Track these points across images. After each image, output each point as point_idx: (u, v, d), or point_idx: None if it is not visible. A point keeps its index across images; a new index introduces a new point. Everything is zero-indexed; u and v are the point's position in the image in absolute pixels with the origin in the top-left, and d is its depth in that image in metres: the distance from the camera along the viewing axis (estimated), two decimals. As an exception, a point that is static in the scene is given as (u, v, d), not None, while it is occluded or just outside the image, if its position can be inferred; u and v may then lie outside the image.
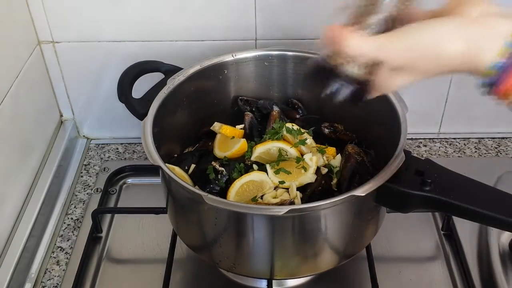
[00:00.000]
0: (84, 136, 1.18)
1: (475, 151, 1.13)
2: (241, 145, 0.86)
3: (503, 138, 1.15)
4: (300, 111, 0.96)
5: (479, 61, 0.52)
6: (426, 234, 0.95)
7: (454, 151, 1.13)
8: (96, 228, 0.95)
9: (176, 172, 0.80)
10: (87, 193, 1.05)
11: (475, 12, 0.53)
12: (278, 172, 0.81)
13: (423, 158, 0.74)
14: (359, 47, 0.54)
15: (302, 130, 0.89)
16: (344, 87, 0.59)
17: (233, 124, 0.93)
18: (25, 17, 1.00)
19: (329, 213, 0.71)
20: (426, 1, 0.58)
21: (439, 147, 1.14)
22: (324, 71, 0.59)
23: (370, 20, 0.56)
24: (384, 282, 0.83)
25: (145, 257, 0.93)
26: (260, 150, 0.85)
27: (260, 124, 0.94)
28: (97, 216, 0.95)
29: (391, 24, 0.56)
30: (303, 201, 0.79)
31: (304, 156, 0.83)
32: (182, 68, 0.89)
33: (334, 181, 0.83)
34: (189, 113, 0.91)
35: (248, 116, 0.93)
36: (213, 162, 0.83)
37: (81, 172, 1.09)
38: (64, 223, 0.99)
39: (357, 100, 0.61)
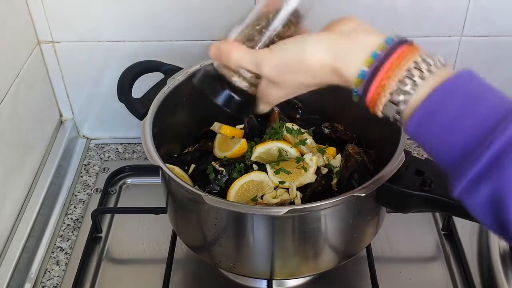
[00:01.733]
0: (84, 136, 1.18)
1: (475, 151, 1.12)
2: (241, 145, 0.86)
3: (503, 138, 1.15)
4: (300, 111, 0.96)
5: (347, 72, 0.54)
6: (426, 234, 0.95)
7: (454, 151, 1.13)
8: (96, 228, 0.95)
9: (176, 172, 0.80)
10: (87, 193, 1.05)
11: (347, 28, 0.56)
12: (278, 172, 0.81)
13: (423, 158, 0.74)
14: (240, 59, 0.59)
15: (302, 130, 0.89)
16: (233, 97, 0.63)
17: (233, 124, 0.93)
18: (25, 17, 1.00)
19: (329, 213, 0.71)
20: (315, 24, 0.61)
21: (439, 147, 1.14)
22: (214, 80, 0.63)
23: (260, 37, 0.60)
24: (384, 282, 0.83)
25: (145, 257, 0.93)
26: (260, 150, 0.85)
27: (260, 124, 0.93)
28: (97, 216, 0.95)
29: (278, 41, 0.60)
30: (303, 201, 0.78)
31: (304, 156, 0.83)
32: (182, 68, 0.89)
33: (334, 181, 0.83)
34: (189, 113, 0.91)
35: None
36: (213, 162, 0.83)
37: (81, 172, 1.09)
38: (64, 223, 0.99)
39: (244, 112, 0.65)
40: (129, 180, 1.07)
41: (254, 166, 0.84)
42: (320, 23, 0.60)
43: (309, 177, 0.81)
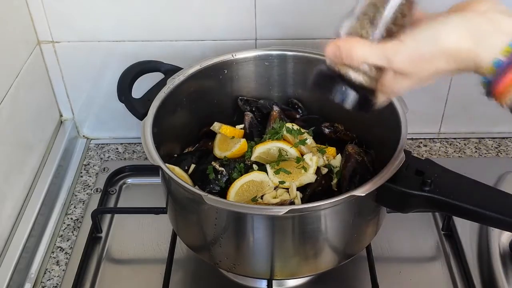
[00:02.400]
0: (84, 136, 1.18)
1: (475, 151, 1.13)
2: (241, 145, 0.86)
3: (503, 138, 1.15)
4: (300, 111, 0.96)
5: (481, 56, 0.51)
6: (426, 234, 0.95)
7: (454, 151, 1.13)
8: (96, 228, 0.95)
9: (176, 172, 0.80)
10: (87, 193, 1.05)
11: (483, 7, 0.53)
12: (278, 172, 0.81)
13: (423, 158, 0.74)
14: (366, 55, 0.55)
15: (302, 130, 0.89)
16: (350, 94, 0.59)
17: (233, 124, 0.93)
18: (25, 17, 1.00)
19: (329, 213, 0.71)
20: (430, 5, 0.58)
21: (439, 147, 1.14)
22: (329, 79, 0.60)
23: (374, 29, 0.56)
24: (384, 282, 0.83)
25: (145, 257, 0.93)
26: (260, 150, 0.85)
27: (260, 124, 0.94)
28: (97, 216, 0.95)
29: (395, 29, 0.56)
30: (303, 201, 0.78)
31: (304, 156, 0.83)
32: (182, 68, 0.89)
33: (334, 181, 0.83)
34: (189, 113, 0.91)
35: (248, 116, 0.93)
36: (213, 162, 0.83)
37: (81, 172, 1.09)
38: (64, 223, 0.99)
39: (364, 107, 0.61)
40: (129, 180, 1.07)
41: (254, 166, 0.84)
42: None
43: (309, 177, 0.81)
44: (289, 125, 0.89)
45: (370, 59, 0.55)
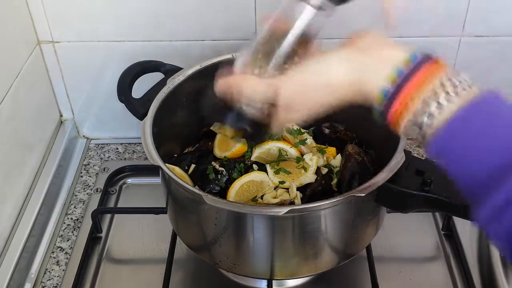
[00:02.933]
0: (84, 136, 1.18)
1: (475, 151, 1.12)
2: (241, 145, 0.86)
3: (503, 138, 1.15)
4: (300, 111, 0.95)
5: (370, 89, 0.52)
6: (426, 234, 0.95)
7: (454, 151, 1.13)
8: (96, 228, 0.95)
9: (176, 172, 0.80)
10: (87, 193, 1.05)
11: (364, 43, 0.54)
12: (278, 172, 0.81)
13: (423, 158, 0.74)
14: (255, 92, 0.57)
15: (302, 130, 0.89)
16: (245, 124, 0.61)
17: (233, 124, 0.93)
18: (25, 17, 0.99)
19: (329, 213, 0.71)
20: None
21: (439, 147, 1.14)
22: (222, 109, 0.61)
23: (268, 64, 0.58)
24: (384, 282, 0.83)
25: (145, 257, 0.93)
26: (260, 150, 0.85)
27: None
28: (97, 216, 0.95)
29: (288, 67, 0.58)
30: (303, 201, 0.78)
31: (304, 156, 0.83)
32: (182, 68, 0.89)
33: (334, 181, 0.83)
34: (189, 113, 0.91)
35: (248, 116, 0.93)
36: (213, 162, 0.83)
37: (81, 172, 1.09)
38: (64, 223, 0.99)
39: (256, 136, 0.64)
40: (129, 180, 1.07)
41: (254, 166, 0.84)
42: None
43: (309, 177, 0.81)
44: (289, 125, 0.89)
45: (258, 95, 0.57)
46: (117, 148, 1.15)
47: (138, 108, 0.82)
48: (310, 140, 0.88)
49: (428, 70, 0.49)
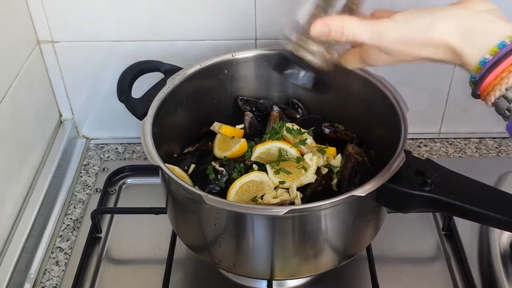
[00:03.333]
0: (83, 136, 1.18)
1: (476, 151, 1.13)
2: (241, 145, 0.86)
3: (504, 138, 1.15)
4: (300, 111, 0.96)
5: (470, 56, 0.52)
6: (427, 234, 0.95)
7: (454, 151, 1.13)
8: (95, 228, 0.95)
9: (176, 172, 0.80)
10: (86, 193, 1.05)
11: (481, 7, 0.54)
12: (278, 172, 0.81)
13: (423, 158, 0.74)
14: (357, 32, 0.56)
15: (302, 130, 0.89)
16: (309, 76, 0.63)
17: (233, 124, 0.93)
18: (25, 17, 0.99)
19: (329, 213, 0.71)
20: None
21: (440, 147, 1.14)
22: (289, 63, 0.63)
23: (333, 7, 0.59)
24: (384, 282, 0.83)
25: (145, 257, 0.92)
26: (260, 150, 0.85)
27: (260, 124, 0.93)
28: (96, 216, 0.95)
29: (355, 7, 0.59)
30: (303, 201, 0.78)
31: (304, 156, 0.83)
32: (182, 68, 0.89)
33: (334, 181, 0.83)
34: (189, 113, 0.91)
35: (248, 116, 0.93)
36: (213, 162, 0.83)
37: (81, 172, 1.09)
38: (64, 223, 0.99)
39: (322, 88, 0.65)
40: (129, 180, 1.07)
41: (254, 166, 0.83)
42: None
43: (309, 177, 0.81)
44: (289, 125, 0.89)
45: (361, 37, 0.56)
46: (116, 148, 1.15)
47: (138, 108, 0.82)
48: (310, 140, 0.88)
49: None
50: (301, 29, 0.62)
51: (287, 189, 0.80)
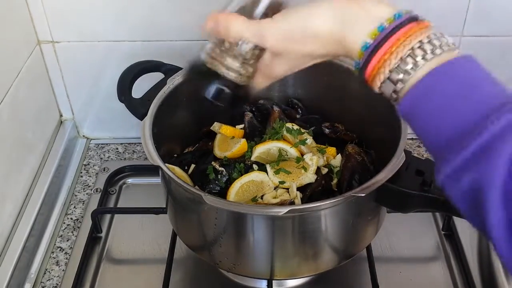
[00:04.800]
0: (83, 136, 1.18)
1: (475, 151, 1.12)
2: (241, 145, 0.86)
3: (503, 138, 1.15)
4: (300, 111, 0.96)
5: (351, 42, 0.52)
6: (427, 234, 0.95)
7: (454, 151, 1.13)
8: (95, 228, 0.95)
9: (176, 172, 0.80)
10: (86, 193, 1.05)
11: None
12: (278, 172, 0.81)
13: (423, 158, 0.74)
14: (242, 30, 0.56)
15: (302, 130, 0.89)
16: (222, 90, 0.60)
17: (233, 124, 0.93)
18: (25, 17, 0.99)
19: (329, 213, 0.71)
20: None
21: (439, 147, 1.14)
22: (201, 74, 0.61)
23: (254, 10, 0.58)
24: (384, 282, 0.83)
25: (145, 257, 0.93)
26: (260, 150, 0.85)
27: (260, 124, 0.93)
28: (96, 216, 0.95)
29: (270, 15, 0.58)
30: (303, 201, 0.78)
31: (304, 156, 0.83)
32: (182, 68, 0.89)
33: (334, 181, 0.83)
34: (189, 113, 0.91)
35: (248, 116, 0.93)
36: (213, 162, 0.83)
37: (81, 172, 1.09)
38: (64, 223, 0.99)
39: (235, 103, 0.62)
40: (129, 180, 1.07)
41: (254, 166, 0.83)
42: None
43: (309, 177, 0.81)
44: (289, 125, 0.89)
45: (245, 34, 0.57)
46: (117, 148, 1.15)
47: (138, 108, 0.82)
48: (310, 140, 0.88)
49: (411, 29, 0.50)
50: (217, 40, 0.60)
51: (287, 189, 0.80)
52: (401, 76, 0.49)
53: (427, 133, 0.49)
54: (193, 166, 0.85)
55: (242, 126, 0.93)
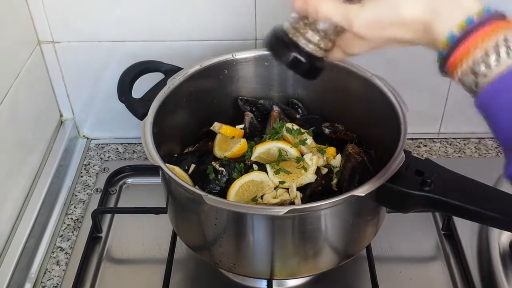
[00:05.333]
0: (84, 136, 1.18)
1: (475, 151, 1.13)
2: (241, 145, 0.86)
3: (503, 138, 1.15)
4: (300, 111, 0.96)
5: (438, 30, 0.53)
6: (426, 234, 0.95)
7: (454, 151, 1.13)
8: (96, 228, 0.95)
9: (176, 172, 0.80)
10: (87, 193, 1.05)
11: None
12: (278, 172, 0.81)
13: (423, 158, 0.74)
14: (330, 13, 0.57)
15: (302, 130, 0.89)
16: (299, 60, 0.62)
17: (233, 124, 0.93)
18: (25, 17, 1.00)
19: (329, 213, 0.71)
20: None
21: (439, 147, 1.14)
22: (282, 43, 0.62)
23: None
24: (384, 282, 0.83)
25: (145, 257, 0.93)
26: (260, 150, 0.85)
27: (260, 124, 0.94)
28: (97, 216, 0.95)
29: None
30: (303, 201, 0.78)
31: (304, 156, 0.83)
32: (182, 68, 0.89)
33: (334, 181, 0.83)
34: (189, 113, 0.91)
35: (248, 116, 0.93)
36: (213, 162, 0.83)
37: (81, 172, 1.09)
38: (64, 223, 0.99)
39: (310, 74, 0.64)
40: (129, 180, 1.07)
41: (254, 166, 0.84)
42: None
43: (309, 177, 0.81)
44: (289, 125, 0.89)
45: (334, 17, 0.57)
46: (117, 148, 1.15)
47: (138, 108, 0.82)
48: (310, 140, 0.88)
49: (497, 25, 0.51)
50: (300, 13, 0.62)
51: (287, 189, 0.80)
52: (483, 69, 0.50)
53: (501, 128, 0.52)
54: (193, 166, 0.86)
55: (242, 126, 0.93)
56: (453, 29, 0.52)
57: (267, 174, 0.81)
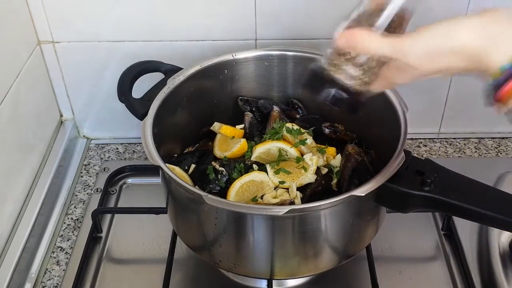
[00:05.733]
0: (84, 136, 1.18)
1: (475, 151, 1.13)
2: (241, 145, 0.86)
3: (503, 138, 1.15)
4: (300, 111, 0.96)
5: (488, 60, 0.52)
6: (426, 234, 0.95)
7: (454, 151, 1.13)
8: (96, 228, 0.95)
9: (176, 172, 0.80)
10: (87, 193, 1.05)
11: (499, 16, 0.53)
12: (278, 172, 0.81)
13: (423, 158, 0.74)
14: (380, 47, 0.55)
15: (302, 130, 0.89)
16: (340, 96, 0.61)
17: (233, 124, 0.93)
18: (25, 17, 1.00)
19: (329, 213, 0.71)
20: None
21: (439, 147, 1.14)
22: (320, 80, 0.61)
23: (377, 21, 0.57)
24: (384, 282, 0.83)
25: (145, 257, 0.93)
26: (260, 150, 0.85)
27: (260, 124, 0.94)
28: (97, 216, 0.95)
29: (396, 23, 0.57)
30: (303, 201, 0.79)
31: (304, 156, 0.83)
32: (182, 68, 0.89)
33: (334, 181, 0.83)
34: (189, 113, 0.91)
35: (248, 116, 0.93)
36: (213, 162, 0.83)
37: (81, 172, 1.09)
38: (64, 223, 0.99)
39: (353, 109, 0.63)
40: (129, 180, 1.07)
41: (254, 166, 0.84)
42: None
43: (309, 177, 0.81)
44: (289, 125, 0.89)
45: (385, 51, 0.55)
46: (117, 148, 1.15)
47: (138, 108, 0.82)
48: (310, 140, 0.88)
49: None
50: (337, 47, 0.60)
51: (287, 189, 0.80)
52: None
53: None
54: (193, 166, 0.86)
55: (242, 126, 0.93)
56: (506, 60, 0.50)
57: (267, 174, 0.81)
